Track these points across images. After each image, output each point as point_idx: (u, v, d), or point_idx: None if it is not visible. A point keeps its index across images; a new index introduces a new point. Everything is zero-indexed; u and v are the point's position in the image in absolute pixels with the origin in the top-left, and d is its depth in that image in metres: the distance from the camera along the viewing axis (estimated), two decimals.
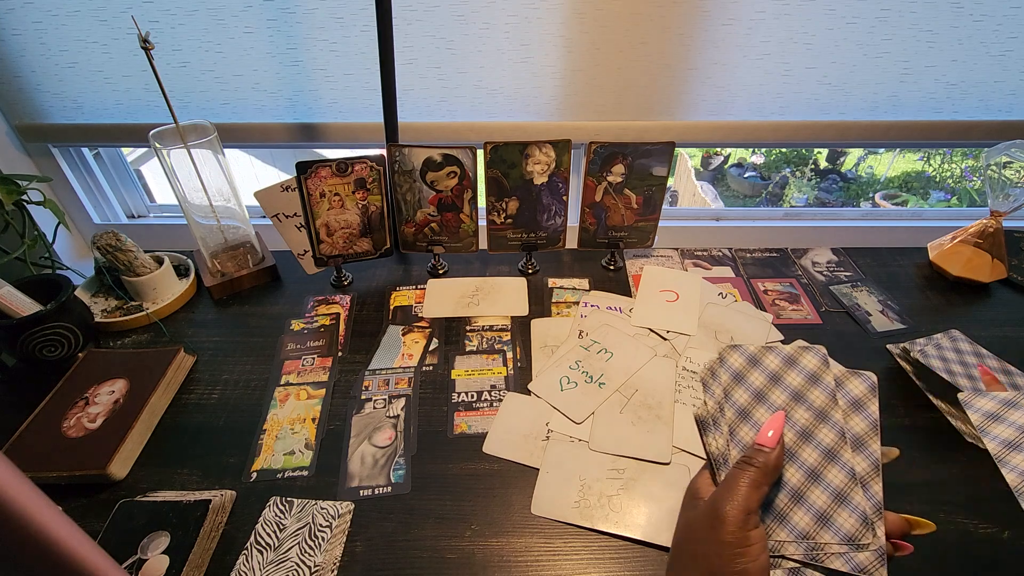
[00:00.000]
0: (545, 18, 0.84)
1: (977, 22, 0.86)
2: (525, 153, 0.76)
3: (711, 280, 0.84)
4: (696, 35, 0.87)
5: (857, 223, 1.12)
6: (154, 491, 0.56)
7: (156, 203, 1.14)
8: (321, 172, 0.74)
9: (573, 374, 0.68)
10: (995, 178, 0.79)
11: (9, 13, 0.82)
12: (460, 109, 0.94)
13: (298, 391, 0.67)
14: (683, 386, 0.66)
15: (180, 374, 0.69)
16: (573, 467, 0.58)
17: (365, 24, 0.84)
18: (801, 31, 0.86)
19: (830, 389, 0.43)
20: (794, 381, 0.44)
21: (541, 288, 0.84)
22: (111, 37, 0.85)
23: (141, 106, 0.92)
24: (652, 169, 0.79)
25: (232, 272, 0.83)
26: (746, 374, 0.46)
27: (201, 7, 0.83)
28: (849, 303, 0.81)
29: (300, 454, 0.60)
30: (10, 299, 0.63)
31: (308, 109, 0.93)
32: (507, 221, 0.82)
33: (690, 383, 0.66)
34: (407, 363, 0.71)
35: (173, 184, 0.74)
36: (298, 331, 0.76)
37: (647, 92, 0.92)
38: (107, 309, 0.78)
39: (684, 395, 0.65)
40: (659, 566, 0.51)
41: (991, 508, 0.55)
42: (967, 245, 0.84)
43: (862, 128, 0.96)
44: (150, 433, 0.62)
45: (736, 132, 0.96)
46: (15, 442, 0.58)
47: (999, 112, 0.95)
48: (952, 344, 0.67)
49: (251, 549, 0.51)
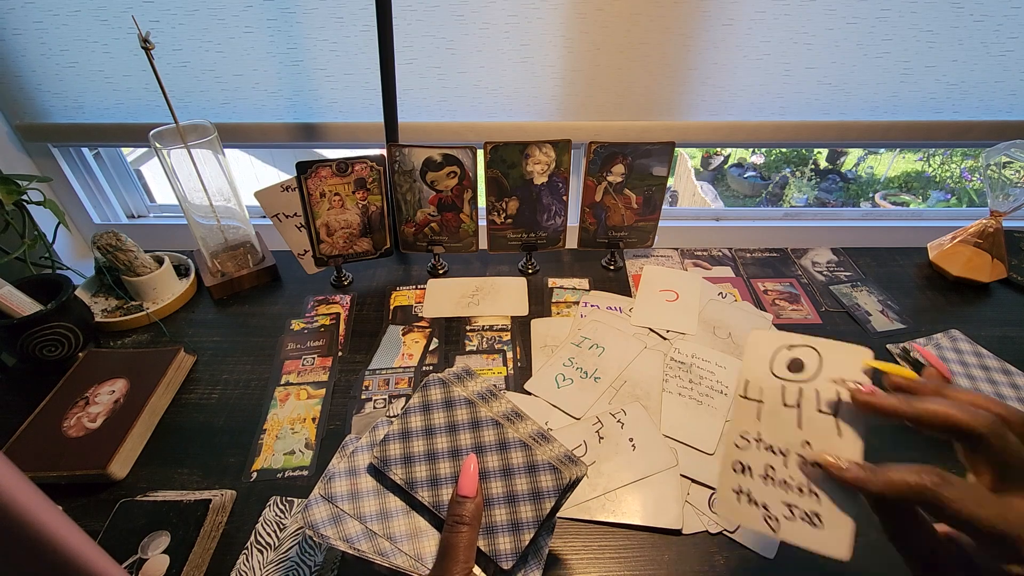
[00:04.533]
0: (545, 18, 0.84)
1: (977, 22, 0.86)
2: (525, 153, 0.76)
3: (711, 280, 0.84)
4: (696, 35, 0.87)
5: (857, 223, 1.12)
6: (154, 491, 0.56)
7: (156, 203, 1.14)
8: (321, 172, 0.74)
9: (568, 371, 0.68)
10: (995, 178, 0.79)
11: (10, 13, 0.82)
12: (460, 109, 0.94)
13: (298, 391, 0.67)
14: (670, 376, 0.68)
15: (180, 374, 0.69)
16: None
17: (365, 24, 0.84)
18: (801, 31, 0.86)
19: (464, 400, 0.43)
20: (440, 419, 0.43)
21: (541, 288, 0.84)
22: (112, 37, 0.85)
23: (141, 106, 0.92)
24: (652, 169, 0.79)
25: (232, 272, 0.83)
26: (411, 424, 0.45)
27: (201, 7, 0.83)
28: (849, 303, 0.81)
29: (300, 454, 0.60)
30: (10, 299, 0.63)
31: (308, 109, 0.93)
32: (507, 221, 0.82)
33: (677, 373, 0.68)
34: (407, 363, 0.71)
35: (173, 184, 0.74)
36: (298, 331, 0.76)
37: (647, 92, 0.92)
38: (107, 309, 0.78)
39: (671, 384, 0.67)
40: (657, 551, 0.51)
41: None
42: (967, 245, 0.84)
43: (862, 128, 0.96)
44: (150, 433, 0.62)
45: (736, 132, 0.96)
46: (15, 442, 0.58)
47: (999, 112, 0.95)
48: (952, 344, 0.67)
49: (251, 549, 0.51)
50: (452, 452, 0.42)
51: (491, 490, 0.41)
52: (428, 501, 0.41)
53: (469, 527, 0.38)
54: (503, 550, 0.39)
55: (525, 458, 0.41)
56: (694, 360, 0.69)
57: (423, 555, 0.39)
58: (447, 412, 0.43)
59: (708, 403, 0.63)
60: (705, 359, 0.69)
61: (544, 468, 0.40)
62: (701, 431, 0.61)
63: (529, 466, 0.41)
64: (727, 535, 0.52)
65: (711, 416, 0.62)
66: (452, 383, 0.44)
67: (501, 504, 0.40)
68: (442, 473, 0.41)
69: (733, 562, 0.50)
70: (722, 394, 0.64)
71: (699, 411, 0.63)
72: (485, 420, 0.42)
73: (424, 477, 0.41)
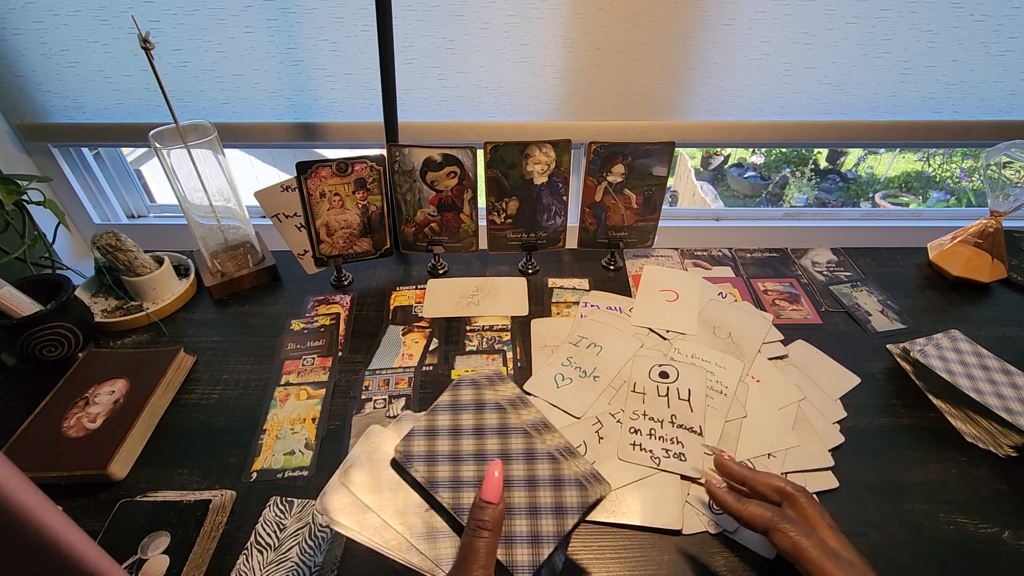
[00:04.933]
0: (545, 18, 0.84)
1: (977, 22, 0.86)
2: (525, 153, 0.76)
3: (711, 280, 0.84)
4: (696, 35, 0.87)
5: (857, 223, 1.12)
6: (154, 491, 0.56)
7: (156, 203, 1.14)
8: (321, 172, 0.74)
9: (567, 370, 0.68)
10: (995, 178, 0.79)
11: (10, 13, 0.82)
12: (460, 109, 0.94)
13: (298, 391, 0.67)
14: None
15: (180, 374, 0.69)
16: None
17: (365, 24, 0.84)
18: (801, 31, 0.86)
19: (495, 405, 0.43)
20: (468, 421, 0.43)
21: (541, 288, 0.84)
22: (112, 37, 0.85)
23: (141, 106, 0.92)
24: (652, 169, 0.79)
25: (232, 272, 0.83)
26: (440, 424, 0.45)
27: (201, 7, 0.83)
28: (849, 303, 0.81)
29: (300, 454, 0.60)
30: (10, 299, 0.63)
31: (308, 109, 0.93)
32: (507, 221, 0.82)
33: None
34: (407, 363, 0.71)
35: (173, 184, 0.74)
36: (298, 331, 0.76)
37: (647, 92, 0.92)
38: (107, 309, 0.78)
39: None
40: (657, 551, 0.51)
41: (991, 508, 0.55)
42: (967, 245, 0.84)
43: (862, 128, 0.96)
44: (150, 433, 0.62)
45: (736, 132, 0.96)
46: (15, 442, 0.58)
47: (999, 112, 0.95)
48: (952, 344, 0.67)
49: (251, 549, 0.51)
50: (477, 455, 0.41)
51: (514, 499, 0.40)
52: (448, 503, 0.40)
53: (491, 533, 0.37)
54: (520, 561, 0.38)
55: (552, 471, 0.40)
56: (694, 360, 0.69)
57: (440, 557, 0.39)
58: (476, 414, 0.43)
59: (708, 403, 0.63)
60: (705, 359, 0.69)
61: (570, 483, 0.40)
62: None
63: (555, 480, 0.40)
64: (727, 535, 0.52)
65: (711, 416, 0.62)
66: (484, 386, 0.44)
67: (523, 515, 0.39)
68: (465, 476, 0.41)
69: (733, 562, 0.50)
70: (722, 394, 0.64)
71: None
72: (514, 427, 0.42)
73: (446, 477, 0.41)
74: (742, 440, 0.60)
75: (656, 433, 0.60)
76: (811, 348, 0.73)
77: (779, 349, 0.72)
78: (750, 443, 0.60)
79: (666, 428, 0.60)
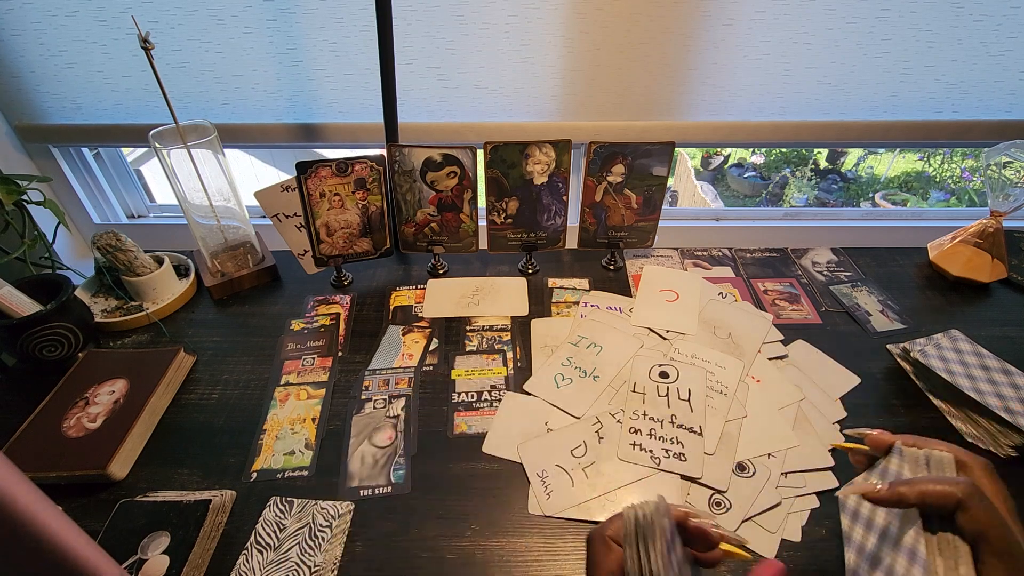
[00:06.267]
0: (545, 18, 0.84)
1: (977, 22, 0.86)
2: (525, 153, 0.76)
3: (711, 280, 0.84)
4: (696, 35, 0.87)
5: (857, 223, 1.12)
6: (154, 491, 0.56)
7: (156, 203, 1.14)
8: (321, 172, 0.74)
9: (567, 370, 0.68)
10: (995, 178, 0.79)
11: (8, 13, 0.82)
12: (460, 109, 0.94)
13: (298, 391, 0.67)
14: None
15: (180, 374, 0.69)
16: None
17: (365, 24, 0.84)
18: (801, 31, 0.86)
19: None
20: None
21: (541, 288, 0.84)
22: (111, 37, 0.85)
23: (141, 106, 0.92)
24: (652, 169, 0.79)
25: (232, 272, 0.83)
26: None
27: (201, 7, 0.83)
28: (849, 303, 0.81)
29: (300, 454, 0.60)
30: (10, 299, 0.63)
31: (308, 109, 0.93)
32: (507, 221, 0.82)
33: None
34: (407, 363, 0.71)
35: (173, 184, 0.74)
36: (298, 331, 0.76)
37: (647, 92, 0.92)
38: (107, 309, 0.78)
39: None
40: None
41: None
42: (967, 245, 0.84)
43: (862, 128, 0.96)
44: (150, 433, 0.62)
45: (736, 132, 0.96)
46: (15, 442, 0.58)
47: (999, 112, 0.95)
48: (952, 344, 0.67)
49: (251, 549, 0.51)
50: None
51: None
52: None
53: None
54: None
55: None
56: (694, 360, 0.69)
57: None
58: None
59: (708, 403, 0.63)
60: (705, 359, 0.69)
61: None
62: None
63: None
64: None
65: (711, 416, 0.62)
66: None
67: None
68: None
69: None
70: (722, 394, 0.64)
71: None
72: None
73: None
74: (742, 440, 0.60)
75: (656, 433, 0.60)
76: (811, 348, 0.73)
77: (779, 349, 0.72)
78: (750, 443, 0.60)
79: (666, 428, 0.60)
